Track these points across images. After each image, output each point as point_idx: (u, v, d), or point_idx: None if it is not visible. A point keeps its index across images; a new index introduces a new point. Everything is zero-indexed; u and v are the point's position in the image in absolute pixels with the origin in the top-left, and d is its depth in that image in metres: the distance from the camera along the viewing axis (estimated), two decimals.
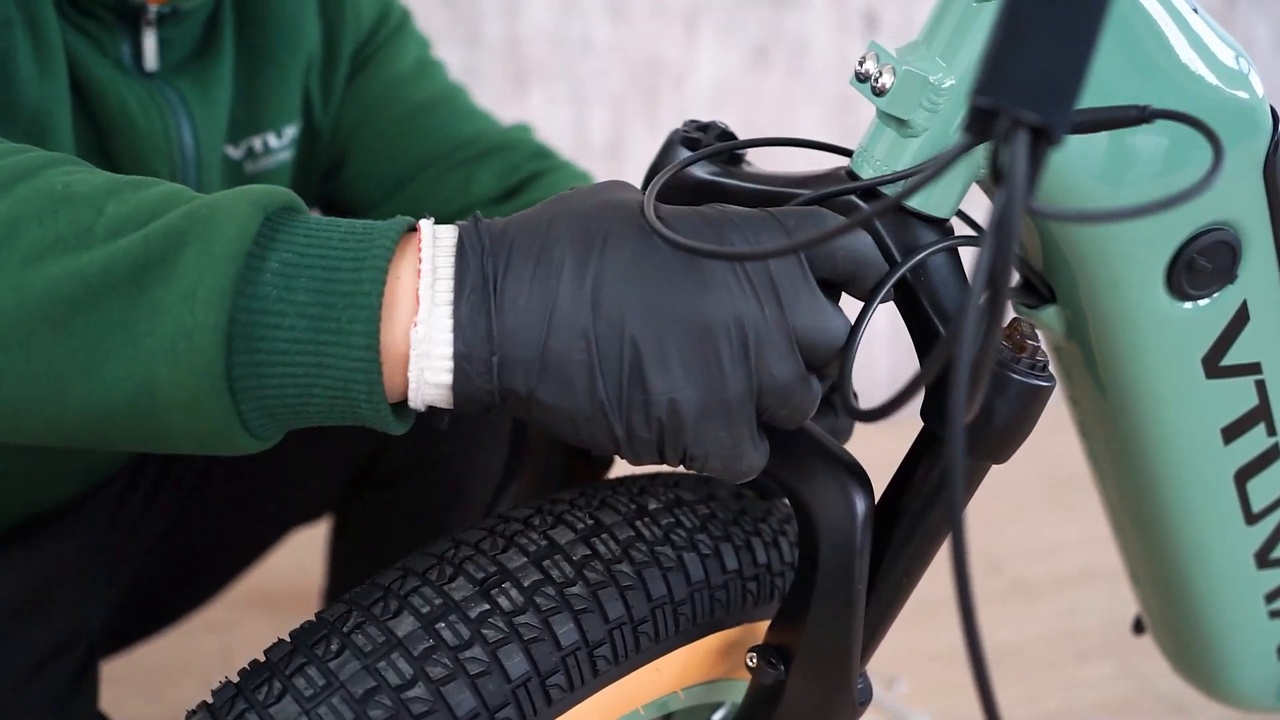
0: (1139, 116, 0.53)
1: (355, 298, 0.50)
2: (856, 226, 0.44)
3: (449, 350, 0.51)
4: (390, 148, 1.04)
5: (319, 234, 0.51)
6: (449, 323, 0.51)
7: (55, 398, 0.50)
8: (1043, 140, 0.37)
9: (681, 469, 0.57)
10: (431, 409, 0.54)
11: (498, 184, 1.02)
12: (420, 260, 0.52)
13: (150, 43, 0.82)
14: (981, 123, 0.38)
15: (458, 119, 1.06)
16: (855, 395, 0.61)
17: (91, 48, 0.80)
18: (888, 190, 0.58)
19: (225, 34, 0.89)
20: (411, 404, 0.52)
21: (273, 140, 0.95)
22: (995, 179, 0.38)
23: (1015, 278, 0.68)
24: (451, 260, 0.52)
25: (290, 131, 0.96)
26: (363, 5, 1.01)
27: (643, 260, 0.51)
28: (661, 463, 0.54)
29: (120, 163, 0.82)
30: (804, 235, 0.52)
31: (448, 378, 0.51)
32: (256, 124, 0.94)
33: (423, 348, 0.51)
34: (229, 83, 0.90)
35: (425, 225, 0.53)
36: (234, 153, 0.93)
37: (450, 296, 0.51)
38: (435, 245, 0.52)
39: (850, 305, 0.55)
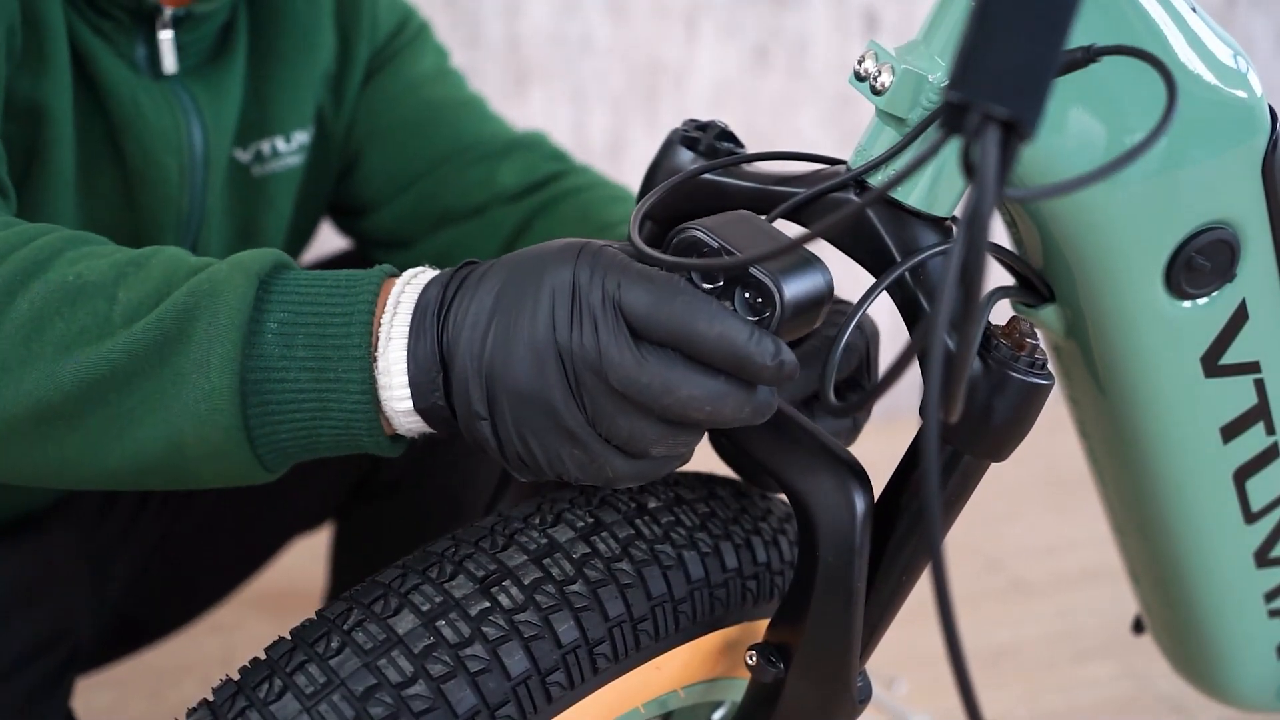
0: (1085, 57, 0.53)
1: (347, 350, 0.55)
2: (816, 237, 0.47)
3: (405, 379, 0.56)
4: (406, 142, 1.03)
5: (310, 291, 0.57)
6: (403, 354, 0.55)
7: (96, 459, 0.57)
8: (1013, 134, 0.38)
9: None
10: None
11: (520, 179, 1.02)
12: (388, 303, 0.56)
13: (167, 45, 0.84)
14: (953, 117, 0.38)
15: (476, 119, 1.05)
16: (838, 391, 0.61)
17: (106, 48, 0.81)
18: (871, 180, 0.58)
19: (239, 38, 0.90)
20: (400, 432, 0.58)
21: (281, 144, 0.96)
22: (968, 173, 0.38)
23: (1013, 277, 0.68)
24: (416, 295, 0.56)
25: (300, 137, 0.97)
26: (380, 15, 1.01)
27: (508, 295, 0.55)
28: (542, 477, 0.58)
29: (131, 159, 0.84)
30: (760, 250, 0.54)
31: (408, 404, 0.56)
32: (265, 127, 0.94)
33: (384, 379, 0.56)
34: (240, 86, 0.90)
35: (408, 273, 0.58)
36: (242, 156, 0.94)
37: (406, 330, 0.56)
38: (407, 284, 0.57)
39: (848, 301, 0.55)
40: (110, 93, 0.82)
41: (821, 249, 0.57)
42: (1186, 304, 0.65)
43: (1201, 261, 0.63)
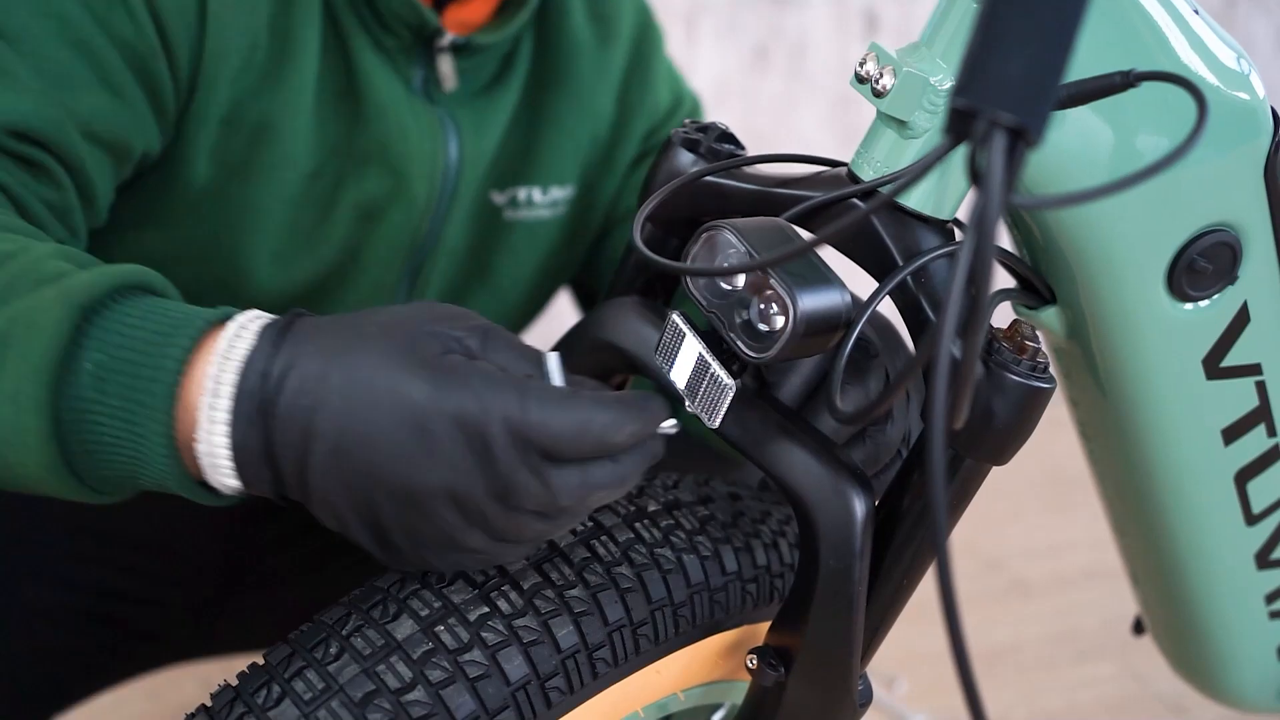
0: (1124, 81, 0.53)
1: (152, 411, 0.53)
2: (821, 243, 0.46)
3: (230, 464, 0.54)
4: None
5: (131, 332, 0.54)
6: (226, 440, 0.53)
7: None
8: (1020, 141, 0.38)
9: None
10: None
11: None
12: (206, 375, 0.53)
13: (447, 68, 0.85)
14: (960, 124, 0.38)
15: None
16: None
17: (384, 64, 0.83)
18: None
19: (514, 80, 0.91)
20: (226, 491, 0.56)
21: (537, 194, 0.96)
22: (974, 179, 0.38)
23: (1015, 279, 0.68)
24: (239, 368, 0.53)
25: (558, 193, 0.97)
26: (660, 95, 1.03)
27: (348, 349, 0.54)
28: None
29: (382, 178, 0.84)
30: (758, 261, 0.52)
31: (236, 482, 0.54)
32: (524, 175, 0.94)
33: (207, 460, 0.54)
34: (505, 124, 0.91)
35: (229, 328, 0.55)
36: (498, 198, 0.94)
37: (228, 415, 0.53)
38: (229, 351, 0.54)
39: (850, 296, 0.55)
40: (379, 110, 0.83)
41: (822, 252, 0.57)
42: (1188, 306, 0.64)
43: (1203, 264, 0.63)
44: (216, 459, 0.53)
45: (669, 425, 0.56)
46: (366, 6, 0.82)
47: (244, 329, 0.54)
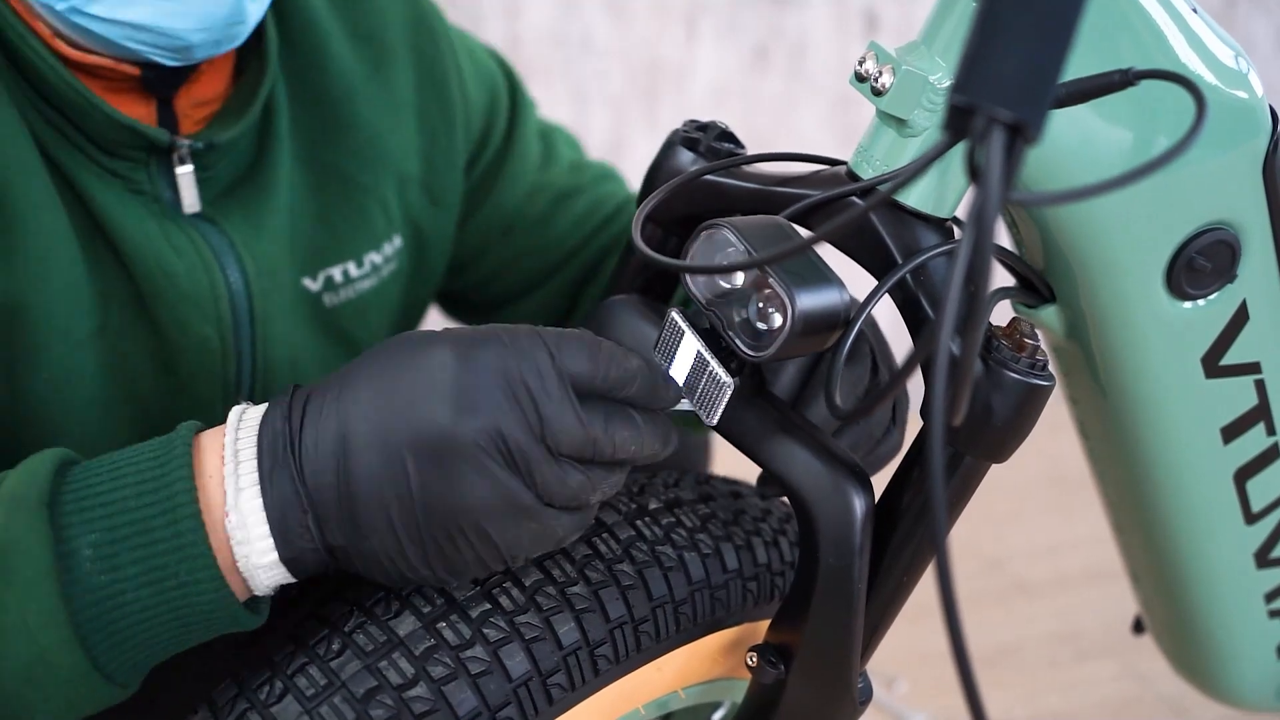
0: (1123, 80, 0.53)
1: (184, 549, 0.50)
2: (819, 240, 0.46)
3: (265, 529, 0.51)
4: (535, 243, 0.95)
5: (113, 496, 0.50)
6: (259, 501, 0.51)
7: None
8: (1019, 138, 0.38)
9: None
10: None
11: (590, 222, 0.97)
12: (223, 459, 0.52)
13: (187, 181, 0.73)
14: (958, 121, 0.38)
15: (596, 190, 0.97)
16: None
17: (124, 190, 0.71)
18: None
19: (280, 151, 0.78)
20: (258, 593, 0.53)
21: (352, 269, 0.83)
22: (973, 176, 0.38)
23: (1014, 278, 0.68)
24: (254, 436, 0.52)
25: (376, 257, 0.84)
26: (470, 94, 0.90)
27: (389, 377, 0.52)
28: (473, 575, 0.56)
29: (166, 328, 0.73)
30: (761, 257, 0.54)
31: (272, 556, 0.52)
32: (330, 253, 0.82)
33: (239, 534, 0.51)
34: (285, 207, 0.78)
35: (233, 415, 0.54)
36: (311, 285, 0.82)
37: (255, 476, 0.51)
38: (239, 430, 0.53)
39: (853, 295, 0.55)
40: (135, 251, 0.70)
41: (821, 251, 0.57)
42: (1187, 304, 0.65)
43: (1202, 262, 0.63)
44: (250, 534, 0.51)
45: (684, 404, 0.58)
46: (80, 134, 0.69)
47: (246, 410, 0.54)
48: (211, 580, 0.51)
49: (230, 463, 0.52)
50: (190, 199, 0.73)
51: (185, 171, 0.72)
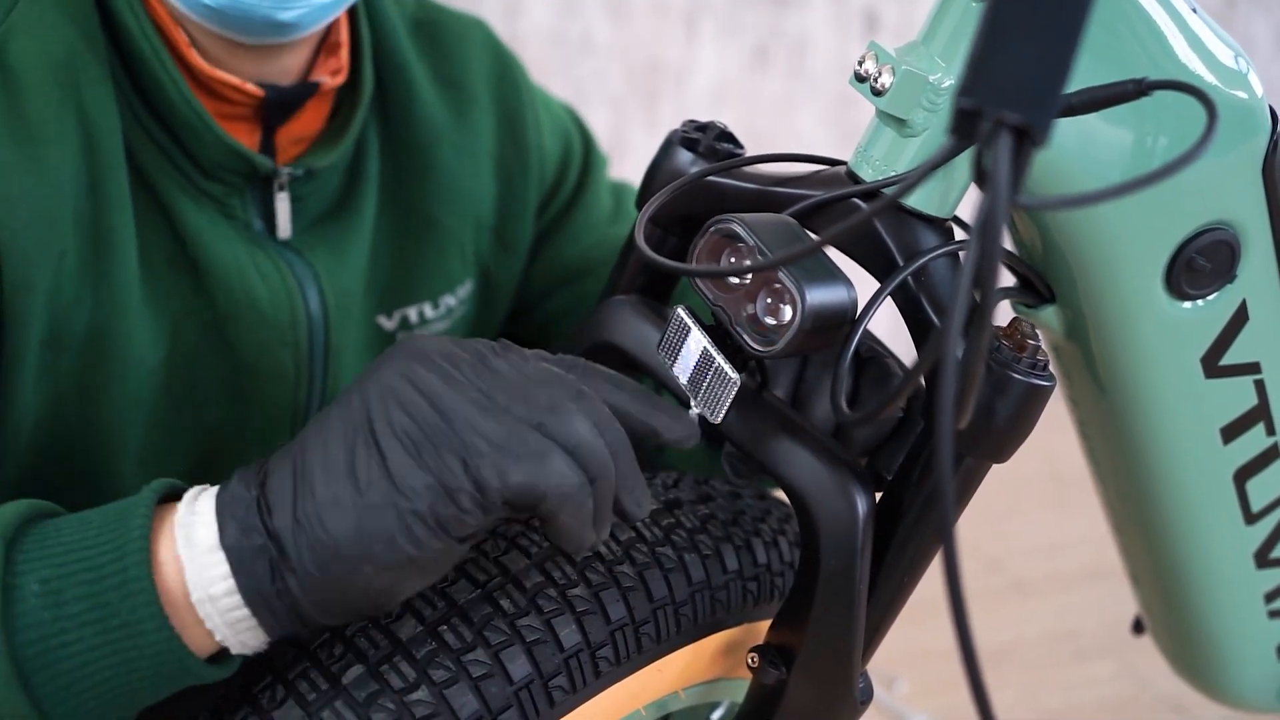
0: (1136, 90, 0.53)
1: (127, 585, 0.48)
2: (828, 243, 0.46)
3: (226, 570, 0.49)
4: (596, 291, 0.91)
5: (72, 537, 0.50)
6: (220, 555, 0.50)
7: None
8: (1026, 141, 0.38)
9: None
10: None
11: None
12: (176, 516, 0.51)
13: (283, 207, 0.75)
14: (966, 124, 0.38)
15: None
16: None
17: (215, 213, 0.73)
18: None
19: (367, 189, 0.80)
20: (233, 650, 0.52)
21: (428, 310, 0.85)
22: (979, 180, 0.38)
23: (1014, 278, 0.68)
24: (212, 495, 0.51)
25: (450, 300, 0.86)
26: (546, 144, 0.91)
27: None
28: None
29: (242, 352, 0.75)
30: (779, 257, 0.53)
31: (243, 611, 0.50)
32: (408, 293, 0.84)
33: (187, 554, 0.50)
34: (368, 244, 0.80)
35: (192, 491, 0.53)
36: (387, 324, 0.84)
37: (215, 528, 0.50)
38: (197, 497, 0.52)
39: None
40: (219, 276, 0.72)
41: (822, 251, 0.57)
42: (1187, 305, 0.65)
43: (1202, 262, 0.63)
44: (207, 572, 0.49)
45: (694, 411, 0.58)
46: (185, 156, 0.71)
47: (205, 489, 0.53)
48: (153, 619, 0.49)
49: (185, 516, 0.51)
50: (284, 225, 0.75)
51: (283, 198, 0.75)
